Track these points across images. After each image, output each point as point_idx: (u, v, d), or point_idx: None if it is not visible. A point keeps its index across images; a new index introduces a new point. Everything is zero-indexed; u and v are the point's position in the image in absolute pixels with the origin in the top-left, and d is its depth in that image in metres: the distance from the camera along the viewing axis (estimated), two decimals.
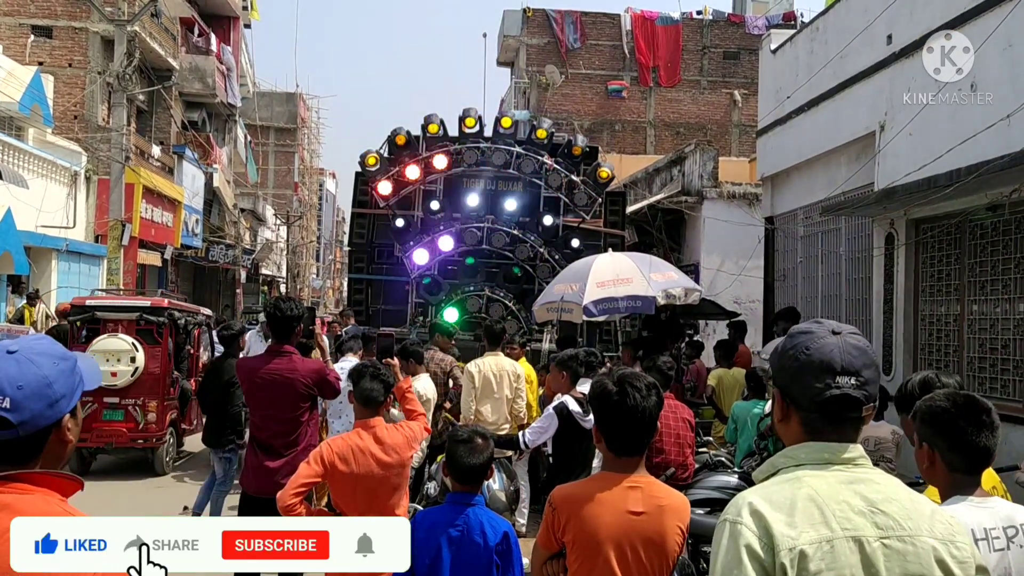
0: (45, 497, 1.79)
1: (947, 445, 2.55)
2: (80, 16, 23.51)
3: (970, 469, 2.55)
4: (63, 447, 1.87)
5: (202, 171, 29.33)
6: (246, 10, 36.15)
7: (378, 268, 13.24)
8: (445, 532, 3.50)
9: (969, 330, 9.54)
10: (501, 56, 37.61)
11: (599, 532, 2.80)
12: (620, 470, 2.90)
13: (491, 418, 7.93)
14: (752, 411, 7.62)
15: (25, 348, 1.84)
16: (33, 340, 1.91)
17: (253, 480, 5.24)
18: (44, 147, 19.94)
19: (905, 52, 10.03)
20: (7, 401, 1.76)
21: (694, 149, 17.76)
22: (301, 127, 54.37)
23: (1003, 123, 8.09)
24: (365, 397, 4.35)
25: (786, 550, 1.69)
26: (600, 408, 2.93)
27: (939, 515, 1.80)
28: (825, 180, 12.40)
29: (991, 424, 2.55)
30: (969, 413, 2.54)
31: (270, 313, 5.51)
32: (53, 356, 1.87)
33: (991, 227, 9.15)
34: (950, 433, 2.55)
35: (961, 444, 2.53)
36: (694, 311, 11.70)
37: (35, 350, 1.85)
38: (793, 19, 32.51)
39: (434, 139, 12.71)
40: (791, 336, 1.92)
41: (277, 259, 47.85)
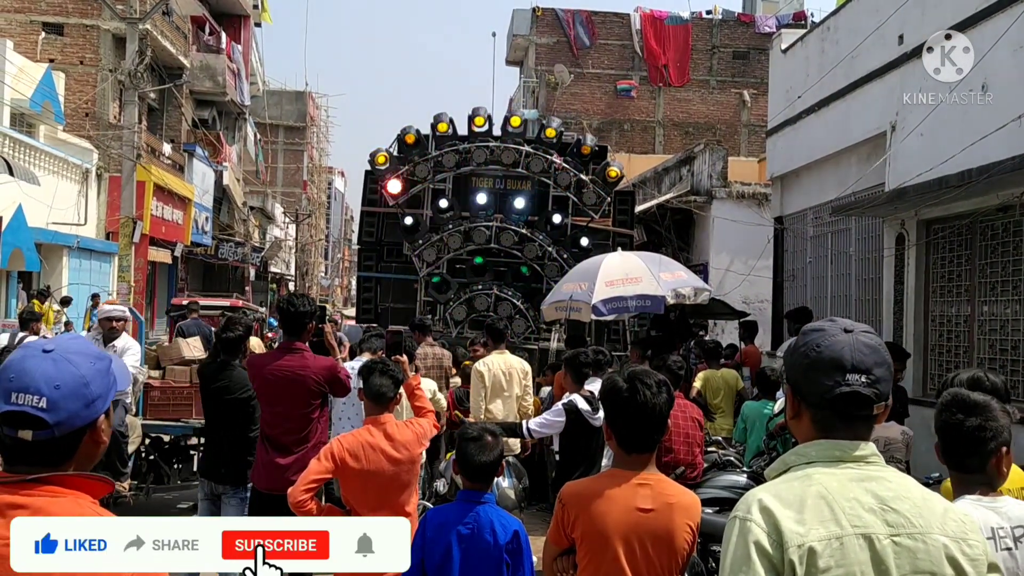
0: (76, 500, 1.78)
1: (942, 444, 2.58)
2: (92, 14, 23.61)
3: (963, 468, 2.56)
4: (96, 448, 1.86)
5: (212, 169, 29.43)
6: (256, 9, 36.25)
7: (387, 266, 13.28)
8: (455, 530, 3.51)
9: (979, 331, 9.51)
10: (510, 55, 37.59)
11: (608, 528, 2.81)
12: (630, 467, 2.91)
13: (500, 416, 7.94)
14: (762, 411, 7.63)
15: (61, 347, 1.83)
16: (68, 339, 1.91)
17: (264, 477, 5.26)
18: (55, 144, 20.03)
19: (916, 52, 9.98)
20: (44, 401, 1.74)
21: (703, 149, 17.74)
22: (310, 125, 54.45)
23: (1014, 124, 8.06)
24: (375, 394, 4.36)
25: (795, 547, 1.69)
26: (611, 405, 2.95)
27: (951, 513, 1.80)
28: (835, 180, 12.37)
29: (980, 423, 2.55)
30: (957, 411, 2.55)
31: (283, 309, 5.51)
32: (89, 356, 1.85)
33: (1002, 228, 9.12)
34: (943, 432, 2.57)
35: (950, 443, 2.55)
36: (703, 311, 11.70)
37: (71, 349, 1.83)
38: (803, 19, 32.42)
39: (443, 138, 12.73)
40: (803, 334, 1.92)
41: (286, 257, 47.96)
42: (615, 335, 12.56)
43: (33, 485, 1.75)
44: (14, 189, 16.18)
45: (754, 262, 15.01)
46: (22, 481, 1.75)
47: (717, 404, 9.18)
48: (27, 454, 1.77)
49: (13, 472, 1.77)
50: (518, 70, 38.51)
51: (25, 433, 1.75)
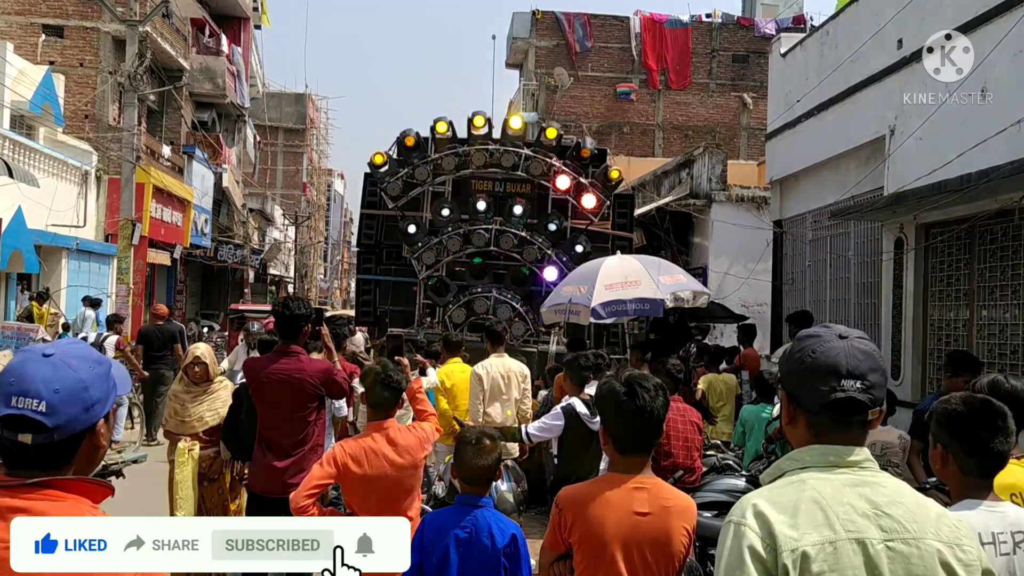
0: (76, 504, 1.78)
1: (961, 448, 2.56)
2: (91, 16, 23.61)
3: (983, 473, 2.55)
4: (96, 452, 1.87)
5: (211, 171, 29.43)
6: (256, 11, 36.28)
7: (386, 269, 13.27)
8: (453, 534, 3.51)
9: (978, 335, 9.52)
10: (510, 58, 37.60)
11: (605, 532, 2.82)
12: (626, 471, 2.91)
13: (499, 419, 7.94)
14: (760, 415, 7.64)
15: (61, 352, 1.84)
16: (68, 344, 1.91)
17: (261, 479, 5.27)
18: (55, 146, 20.03)
19: (916, 56, 10.00)
20: (43, 404, 1.75)
21: (703, 152, 17.75)
22: (310, 128, 54.49)
23: (1013, 128, 8.07)
24: (377, 401, 4.36)
25: (789, 551, 1.70)
26: (607, 408, 2.95)
27: (945, 518, 1.80)
28: (834, 184, 12.38)
29: (1006, 429, 2.55)
30: (984, 417, 2.54)
31: (278, 312, 5.51)
32: (89, 360, 1.86)
33: (1001, 232, 9.12)
34: (964, 437, 2.55)
35: (975, 448, 2.54)
36: (702, 314, 11.70)
37: (71, 354, 1.84)
38: (803, 23, 32.44)
39: (443, 140, 12.73)
40: (798, 340, 1.94)
41: (285, 259, 47.96)
42: (614, 338, 12.56)
43: (33, 489, 1.76)
44: (13, 191, 16.18)
45: (753, 265, 15.02)
46: (22, 485, 1.76)
47: (718, 408, 9.19)
48: (27, 458, 1.78)
49: (13, 476, 1.78)
50: (518, 73, 38.51)
51: (25, 437, 1.76)
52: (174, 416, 6.31)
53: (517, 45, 35.65)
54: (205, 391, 6.30)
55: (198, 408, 6.24)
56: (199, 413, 6.22)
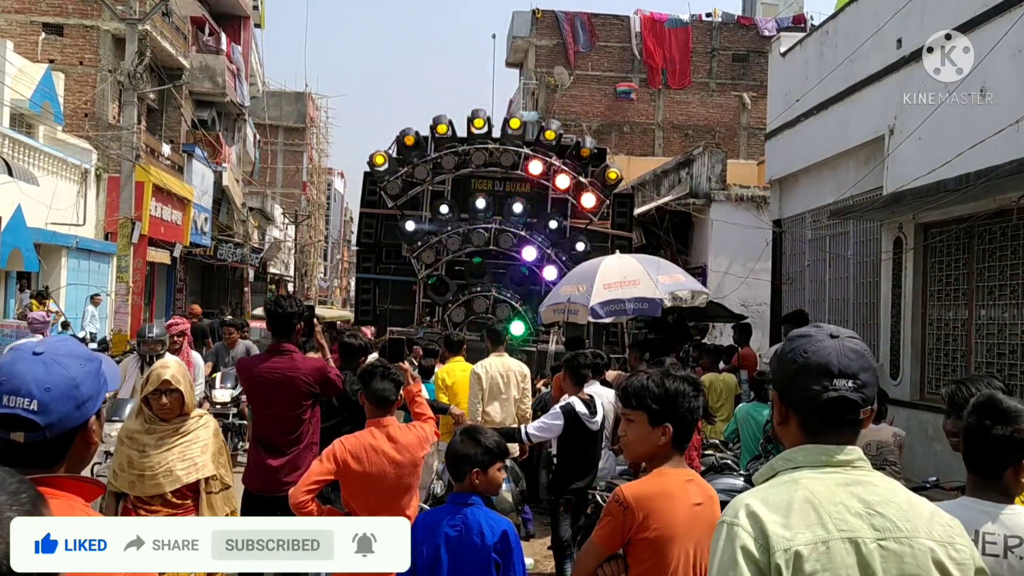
0: (69, 502, 1.79)
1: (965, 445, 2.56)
2: (91, 14, 23.60)
3: (981, 472, 2.55)
4: (88, 449, 1.87)
5: (211, 170, 29.42)
6: (256, 10, 36.25)
7: (386, 268, 13.29)
8: (443, 532, 3.51)
9: (977, 335, 9.52)
10: (510, 57, 37.59)
11: (676, 527, 2.86)
12: (677, 464, 2.99)
13: (498, 419, 7.95)
14: (752, 413, 7.65)
15: (51, 350, 1.85)
16: (58, 341, 1.92)
17: (256, 479, 5.25)
18: (54, 145, 20.03)
19: (915, 56, 10.01)
20: (34, 403, 1.76)
21: (702, 151, 17.75)
22: (310, 126, 54.46)
23: (1012, 128, 8.08)
24: (377, 397, 4.36)
25: (781, 551, 1.70)
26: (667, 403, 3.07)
27: (938, 517, 1.81)
28: (834, 184, 12.39)
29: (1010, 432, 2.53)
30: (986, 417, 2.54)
31: (270, 310, 5.50)
32: (79, 358, 1.87)
33: (1000, 232, 9.13)
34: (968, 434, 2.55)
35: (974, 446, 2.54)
36: (701, 313, 11.70)
37: (61, 351, 1.85)
38: (803, 22, 32.42)
39: (442, 140, 12.74)
40: (790, 340, 1.94)
41: (285, 258, 47.95)
42: (613, 338, 12.57)
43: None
44: (13, 189, 16.18)
45: (752, 265, 15.02)
46: None
47: (717, 408, 9.19)
48: (19, 456, 1.78)
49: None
50: (518, 72, 38.50)
51: (17, 436, 1.76)
52: (126, 470, 4.20)
53: (517, 44, 35.64)
54: (176, 431, 4.27)
55: (166, 456, 4.21)
56: (167, 463, 4.20)
